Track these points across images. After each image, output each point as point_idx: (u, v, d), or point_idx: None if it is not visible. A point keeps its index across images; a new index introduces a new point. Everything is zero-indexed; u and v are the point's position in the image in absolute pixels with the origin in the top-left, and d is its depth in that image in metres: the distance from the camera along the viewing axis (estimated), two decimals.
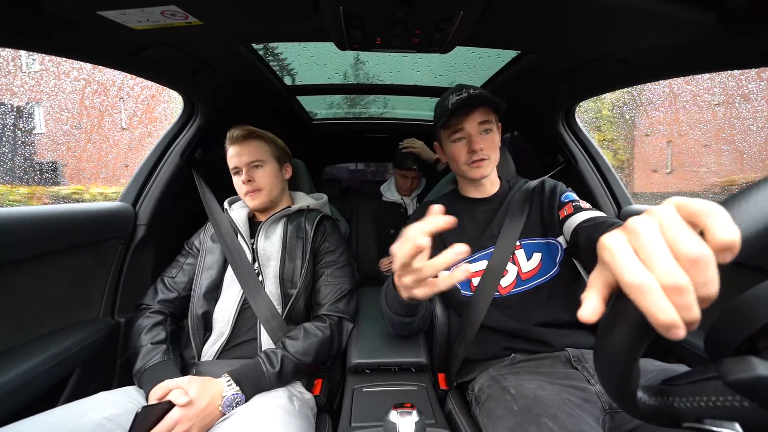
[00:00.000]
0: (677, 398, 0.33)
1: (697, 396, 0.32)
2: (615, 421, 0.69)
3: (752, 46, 0.74)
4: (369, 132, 2.23)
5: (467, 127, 0.94)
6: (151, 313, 1.00)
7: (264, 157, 1.11)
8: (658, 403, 0.35)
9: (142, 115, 11.64)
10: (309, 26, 0.82)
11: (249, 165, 1.09)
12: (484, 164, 0.96)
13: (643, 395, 0.36)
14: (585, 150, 1.43)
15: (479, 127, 0.95)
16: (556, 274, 0.94)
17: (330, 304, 1.06)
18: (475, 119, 0.94)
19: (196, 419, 0.74)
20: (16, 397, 0.77)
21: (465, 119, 0.94)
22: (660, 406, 0.34)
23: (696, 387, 0.33)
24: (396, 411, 0.59)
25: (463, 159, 0.97)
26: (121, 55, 0.88)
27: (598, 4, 0.69)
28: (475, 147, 0.94)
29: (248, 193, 1.09)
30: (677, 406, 0.33)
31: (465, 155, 0.96)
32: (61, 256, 0.94)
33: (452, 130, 0.96)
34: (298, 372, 0.93)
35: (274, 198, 1.14)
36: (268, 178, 1.11)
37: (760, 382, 0.29)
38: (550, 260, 0.95)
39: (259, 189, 1.09)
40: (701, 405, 0.32)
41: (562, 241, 0.95)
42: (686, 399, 0.33)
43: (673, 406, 0.33)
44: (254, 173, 1.09)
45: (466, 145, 0.96)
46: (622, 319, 0.31)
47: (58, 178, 9.34)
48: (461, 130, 0.95)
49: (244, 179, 1.08)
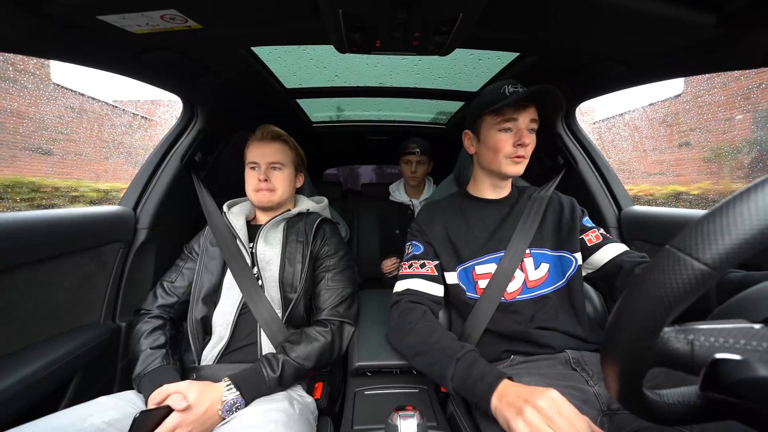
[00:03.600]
0: (701, 337, 0.34)
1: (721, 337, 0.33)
2: (614, 423, 0.69)
3: (753, 48, 0.74)
4: (369, 134, 2.23)
5: (521, 119, 0.90)
6: (150, 318, 1.00)
7: (285, 161, 1.13)
8: (680, 341, 0.35)
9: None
10: (309, 29, 0.82)
11: (269, 164, 1.11)
12: (523, 162, 0.94)
13: (670, 334, 0.35)
14: (585, 151, 1.43)
15: (529, 124, 0.92)
16: (562, 286, 0.94)
17: (331, 308, 1.06)
18: (529, 114, 0.91)
19: (195, 424, 0.74)
20: (18, 401, 0.77)
21: (521, 111, 0.90)
22: (681, 347, 0.35)
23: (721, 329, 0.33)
24: (398, 413, 0.59)
25: (507, 151, 0.92)
26: (121, 59, 0.88)
27: (598, 5, 0.69)
28: (524, 140, 0.90)
29: (260, 190, 1.10)
30: (697, 344, 0.34)
31: (510, 147, 0.92)
32: (62, 261, 0.94)
33: (504, 118, 0.91)
34: (298, 377, 0.93)
35: (283, 202, 1.15)
36: (284, 182, 1.13)
37: (760, 382, 0.29)
38: (558, 272, 0.96)
39: (273, 189, 1.11)
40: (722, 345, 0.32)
41: (579, 258, 0.96)
42: (708, 338, 0.33)
43: (693, 345, 0.34)
44: (272, 173, 1.11)
45: (513, 137, 0.92)
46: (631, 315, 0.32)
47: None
48: (514, 120, 0.91)
49: (261, 177, 1.09)
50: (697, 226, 0.31)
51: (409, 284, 0.98)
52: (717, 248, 0.29)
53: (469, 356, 0.77)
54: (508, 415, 0.62)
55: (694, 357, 0.34)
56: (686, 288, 0.30)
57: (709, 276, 0.29)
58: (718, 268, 0.29)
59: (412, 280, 0.98)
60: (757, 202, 0.28)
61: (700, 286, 0.30)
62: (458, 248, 0.98)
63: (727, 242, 0.29)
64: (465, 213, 1.04)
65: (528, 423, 0.58)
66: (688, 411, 0.39)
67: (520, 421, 0.59)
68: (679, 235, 0.32)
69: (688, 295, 0.30)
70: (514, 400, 0.63)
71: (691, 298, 0.30)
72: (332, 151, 2.70)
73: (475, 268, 0.96)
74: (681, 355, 0.34)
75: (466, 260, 0.97)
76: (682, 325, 0.36)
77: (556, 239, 0.99)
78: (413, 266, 1.00)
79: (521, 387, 0.66)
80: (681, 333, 0.35)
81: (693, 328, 0.35)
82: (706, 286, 0.30)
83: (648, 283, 0.32)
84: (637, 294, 0.33)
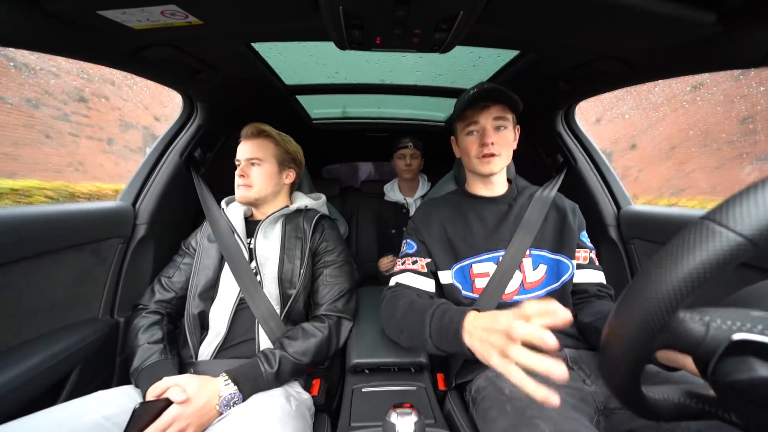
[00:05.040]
0: (717, 319, 0.34)
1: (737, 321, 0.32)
2: (610, 422, 0.69)
3: (752, 46, 0.74)
4: (369, 131, 2.23)
5: (481, 120, 0.94)
6: (147, 313, 1.01)
7: (264, 157, 1.12)
8: (695, 321, 0.35)
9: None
10: (309, 26, 0.82)
11: (248, 161, 1.11)
12: (494, 160, 0.95)
13: (685, 315, 0.35)
14: (585, 150, 1.43)
15: (494, 122, 0.95)
16: (556, 289, 0.95)
17: (329, 303, 1.06)
18: (490, 114, 0.94)
19: (193, 417, 0.74)
20: (16, 395, 0.77)
21: (480, 113, 0.94)
22: (697, 327, 0.34)
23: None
24: (395, 411, 0.60)
25: (474, 152, 0.97)
26: (121, 54, 0.88)
27: (598, 3, 0.69)
28: (486, 140, 0.93)
29: (238, 186, 1.12)
30: (714, 325, 0.33)
31: (476, 148, 0.96)
32: (60, 256, 0.94)
33: (467, 122, 0.96)
34: (296, 372, 0.93)
35: (262, 198, 1.14)
36: (261, 178, 1.12)
37: (760, 382, 0.29)
38: (553, 275, 0.96)
39: (250, 186, 1.11)
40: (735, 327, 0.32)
41: (574, 265, 0.98)
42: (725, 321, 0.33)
43: (710, 326, 0.34)
44: (249, 169, 1.11)
45: (478, 138, 0.96)
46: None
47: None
48: (475, 123, 0.95)
49: (238, 172, 1.11)
50: (732, 200, 0.30)
51: (400, 279, 1.00)
52: (755, 219, 0.29)
53: (440, 309, 0.78)
54: (482, 350, 0.62)
55: (707, 338, 0.33)
56: (721, 259, 0.30)
57: (746, 248, 0.29)
58: (755, 240, 0.29)
59: (403, 275, 1.00)
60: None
61: (735, 258, 0.29)
62: (456, 246, 0.98)
63: (763, 214, 0.29)
64: (463, 211, 1.04)
65: (497, 348, 0.58)
66: (683, 407, 0.39)
67: (494, 356, 0.58)
68: (712, 210, 0.31)
69: (723, 267, 0.30)
70: (481, 334, 0.63)
71: (725, 271, 0.30)
72: (332, 148, 2.70)
73: (473, 267, 0.96)
74: (693, 336, 0.34)
75: (463, 258, 0.97)
76: (698, 309, 0.35)
77: (557, 242, 0.99)
78: (406, 263, 1.02)
79: (484, 317, 0.66)
80: (697, 314, 0.35)
81: (710, 309, 0.35)
82: (741, 259, 0.30)
83: (678, 255, 0.31)
84: (663, 265, 0.32)
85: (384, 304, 0.97)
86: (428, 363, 1.04)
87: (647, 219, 1.22)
